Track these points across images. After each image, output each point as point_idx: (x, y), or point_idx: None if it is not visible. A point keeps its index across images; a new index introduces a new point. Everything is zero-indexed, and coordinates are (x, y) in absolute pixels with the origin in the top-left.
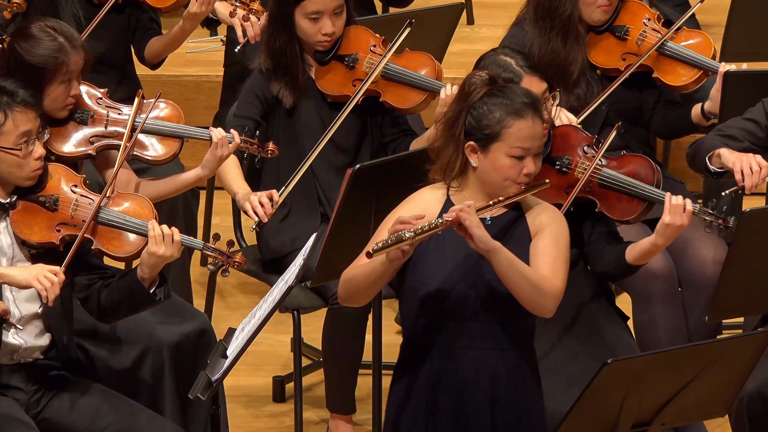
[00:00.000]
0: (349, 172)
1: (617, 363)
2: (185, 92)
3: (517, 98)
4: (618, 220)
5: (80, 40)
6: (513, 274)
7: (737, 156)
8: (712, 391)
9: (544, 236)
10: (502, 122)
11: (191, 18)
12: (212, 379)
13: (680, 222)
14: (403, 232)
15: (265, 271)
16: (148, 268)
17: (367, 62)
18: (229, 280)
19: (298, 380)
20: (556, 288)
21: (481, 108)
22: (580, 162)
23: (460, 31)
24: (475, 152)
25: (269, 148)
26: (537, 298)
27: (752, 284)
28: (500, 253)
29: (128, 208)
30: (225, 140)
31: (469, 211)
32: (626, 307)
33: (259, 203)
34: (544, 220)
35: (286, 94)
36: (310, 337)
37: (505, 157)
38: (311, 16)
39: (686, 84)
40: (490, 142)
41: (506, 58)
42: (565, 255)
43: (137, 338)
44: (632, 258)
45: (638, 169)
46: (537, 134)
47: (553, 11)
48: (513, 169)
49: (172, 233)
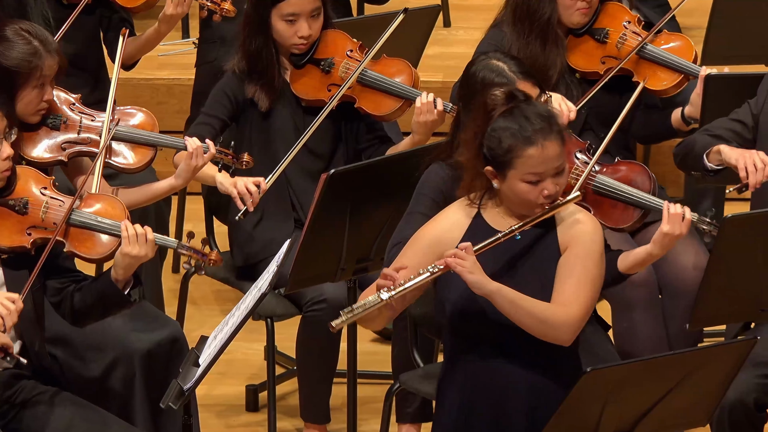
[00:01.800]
0: (324, 178)
1: (597, 371)
2: (157, 96)
3: (527, 125)
4: (612, 228)
5: (55, 44)
6: (516, 314)
7: (740, 152)
8: (694, 399)
9: (572, 254)
10: (513, 152)
11: (167, 20)
12: (184, 387)
13: (679, 231)
14: (379, 293)
15: (238, 277)
16: (122, 269)
17: (343, 67)
18: (201, 288)
19: (271, 389)
20: (573, 318)
21: (493, 135)
22: (573, 169)
23: (437, 33)
24: (494, 177)
25: (244, 159)
26: (546, 332)
27: (734, 291)
28: (498, 296)
29: (100, 209)
30: (200, 150)
31: (462, 255)
32: (606, 315)
33: (247, 190)
34: (576, 234)
35: (262, 97)
36: (284, 345)
37: (520, 183)
38: (288, 18)
39: (667, 88)
40: (505, 169)
41: (499, 63)
42: (593, 275)
43: (108, 346)
44: (625, 267)
45: (634, 176)
46: (550, 158)
47: (532, 14)
48: (531, 194)
49: (145, 232)
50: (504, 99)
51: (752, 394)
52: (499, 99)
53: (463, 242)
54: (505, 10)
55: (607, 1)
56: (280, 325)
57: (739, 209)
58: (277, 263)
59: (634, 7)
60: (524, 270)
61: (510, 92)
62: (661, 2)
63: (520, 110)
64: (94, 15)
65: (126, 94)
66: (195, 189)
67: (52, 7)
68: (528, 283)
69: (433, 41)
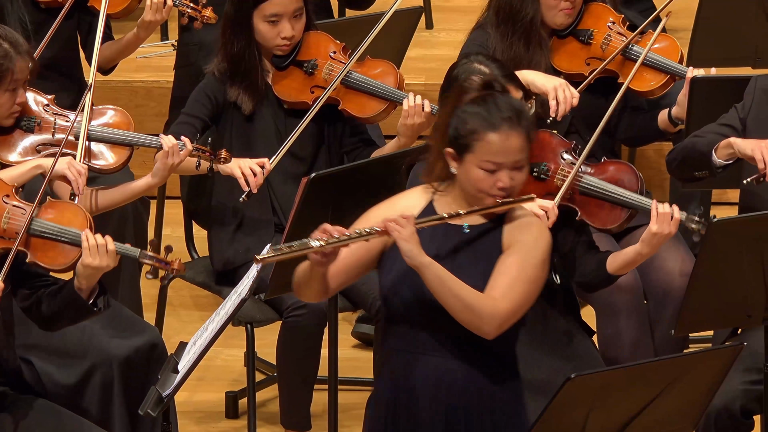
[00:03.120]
0: (305, 181)
1: (581, 377)
2: (135, 98)
3: (497, 111)
4: (599, 229)
5: (26, 46)
6: (442, 292)
7: (755, 143)
8: (679, 406)
9: (511, 253)
10: (475, 134)
11: (146, 26)
12: (163, 394)
13: (668, 230)
14: (309, 239)
15: (217, 283)
16: (85, 279)
17: (326, 69)
18: (180, 293)
19: (251, 396)
20: (499, 312)
21: (460, 116)
22: (559, 169)
23: (419, 35)
24: (454, 159)
25: (222, 155)
26: (471, 319)
27: (720, 297)
28: (428, 269)
29: (61, 217)
30: (176, 148)
31: (402, 222)
32: (590, 321)
33: (251, 171)
34: (521, 237)
35: (246, 99)
36: (264, 352)
37: (476, 169)
38: (270, 19)
39: (653, 89)
40: (464, 151)
41: (481, 66)
42: (530, 277)
43: (86, 353)
44: (614, 268)
45: (621, 176)
46: (511, 149)
47: (515, 15)
48: (485, 182)
49: (105, 243)
50: (480, 85)
51: (738, 401)
52: (475, 83)
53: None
54: (488, 11)
55: (591, 1)
56: (260, 330)
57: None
58: (257, 268)
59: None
60: (464, 261)
61: (489, 81)
62: (646, 6)
63: (492, 97)
64: (72, 19)
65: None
66: (174, 193)
67: (28, 10)
68: (465, 275)
69: (416, 43)
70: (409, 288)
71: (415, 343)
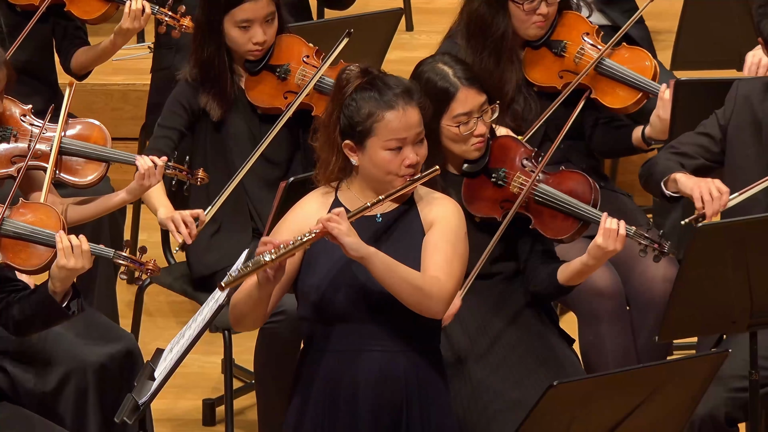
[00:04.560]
0: (282, 186)
1: (563, 385)
2: (111, 102)
3: (387, 90)
4: (552, 239)
5: (3, 55)
6: (391, 279)
7: (695, 182)
8: (663, 414)
9: (436, 231)
10: (373, 116)
11: (123, 33)
12: (139, 402)
13: (612, 247)
14: (262, 255)
15: (194, 289)
16: (59, 281)
17: (299, 73)
18: (157, 299)
19: (229, 403)
20: (446, 290)
21: (351, 105)
22: (516, 176)
23: (399, 37)
24: (353, 151)
25: (199, 175)
26: (420, 301)
27: (704, 303)
28: (374, 259)
29: (34, 218)
30: (152, 171)
31: (337, 219)
32: (572, 327)
33: (183, 223)
34: (438, 213)
35: (214, 106)
36: (242, 359)
37: (382, 152)
38: (241, 24)
39: (626, 106)
40: (365, 138)
41: (444, 67)
42: (461, 252)
43: (61, 359)
44: (564, 278)
45: (575, 187)
46: (411, 123)
47: (486, 30)
48: (393, 163)
49: (80, 243)
50: (358, 73)
51: (723, 409)
52: (354, 73)
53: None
54: (459, 20)
55: (565, 9)
56: (238, 337)
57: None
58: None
59: (598, 11)
60: (390, 249)
61: (365, 68)
62: (629, 7)
63: (378, 79)
64: (47, 23)
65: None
66: None
67: (4, 13)
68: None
69: (396, 45)
70: (344, 287)
71: (354, 341)
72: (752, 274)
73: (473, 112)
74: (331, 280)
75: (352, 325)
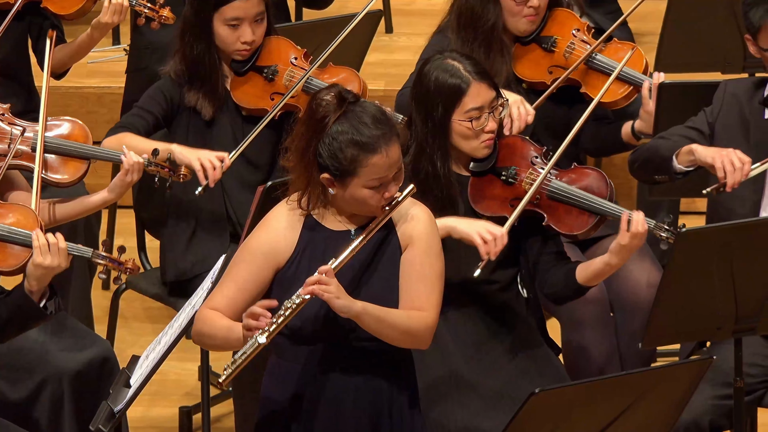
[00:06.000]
0: (261, 190)
1: (546, 392)
2: (86, 104)
3: (367, 130)
4: (566, 234)
5: None
6: (381, 330)
7: (716, 151)
8: (647, 421)
9: (417, 253)
10: (356, 161)
11: (102, 27)
12: (115, 409)
13: (637, 244)
14: (256, 338)
15: (170, 294)
16: (36, 280)
17: (287, 75)
18: (132, 305)
19: (206, 411)
20: (430, 321)
21: (331, 144)
22: (528, 173)
23: (379, 39)
24: (332, 184)
25: (181, 172)
26: (408, 341)
27: (689, 309)
28: (365, 315)
29: (10, 218)
30: (137, 166)
31: (326, 281)
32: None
33: (211, 165)
34: (415, 230)
35: (206, 105)
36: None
37: (363, 190)
38: (231, 22)
39: (616, 100)
40: (346, 177)
41: (454, 63)
42: (439, 272)
43: (35, 367)
44: (584, 279)
45: (590, 182)
46: (393, 161)
47: (476, 21)
48: (374, 198)
49: (57, 241)
50: (335, 103)
51: (708, 416)
52: (331, 104)
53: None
54: (449, 16)
55: (556, 7)
56: None
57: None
58: (212, 279)
59: (585, 14)
60: (370, 271)
61: (339, 94)
62: (612, 9)
63: (355, 115)
64: (23, 21)
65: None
66: (126, 202)
67: None
68: (374, 284)
69: (375, 48)
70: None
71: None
72: (737, 280)
73: (485, 107)
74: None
75: (327, 344)
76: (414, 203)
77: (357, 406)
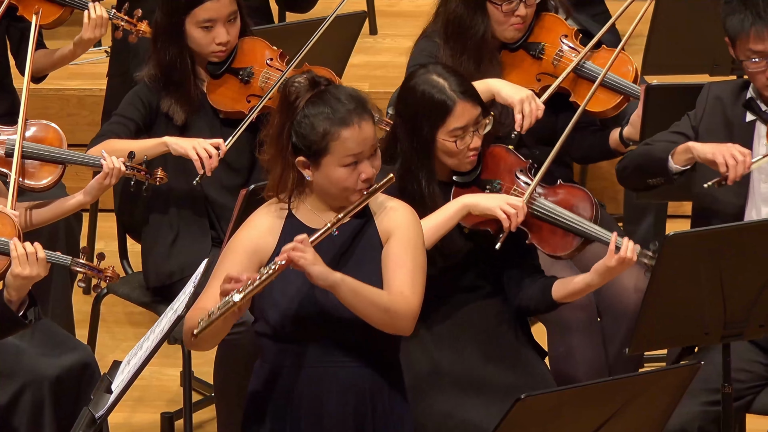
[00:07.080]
0: (243, 193)
1: (531, 398)
2: (67, 107)
3: (340, 106)
4: (549, 255)
5: None
6: (359, 304)
7: (714, 146)
8: (634, 427)
9: (396, 243)
10: (328, 135)
11: (84, 44)
12: (96, 415)
13: (623, 268)
14: (230, 296)
15: (152, 299)
16: (14, 290)
17: (263, 77)
18: (114, 310)
19: (188, 417)
20: (413, 306)
21: (303, 122)
22: (513, 189)
23: (363, 41)
24: (307, 167)
25: (158, 175)
26: (389, 321)
27: (676, 313)
28: (342, 286)
29: None
30: (116, 171)
31: (302, 248)
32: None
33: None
34: (394, 222)
35: (177, 110)
36: (201, 371)
37: (338, 169)
38: (204, 24)
39: (605, 110)
40: (320, 156)
41: (440, 80)
42: (421, 263)
43: (15, 372)
44: (561, 296)
45: (576, 202)
46: (367, 137)
47: (465, 31)
48: (350, 179)
49: (35, 251)
50: (307, 86)
51: (696, 422)
52: (303, 86)
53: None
54: (435, 21)
55: (543, 11)
56: None
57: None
58: (194, 284)
59: (572, 16)
60: (350, 264)
61: (312, 78)
62: (599, 11)
63: (329, 93)
64: (0, 25)
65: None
66: (107, 206)
67: None
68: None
69: (359, 49)
70: (303, 304)
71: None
72: (725, 284)
73: (469, 126)
74: (290, 297)
75: (311, 341)
76: (389, 198)
77: (341, 401)
